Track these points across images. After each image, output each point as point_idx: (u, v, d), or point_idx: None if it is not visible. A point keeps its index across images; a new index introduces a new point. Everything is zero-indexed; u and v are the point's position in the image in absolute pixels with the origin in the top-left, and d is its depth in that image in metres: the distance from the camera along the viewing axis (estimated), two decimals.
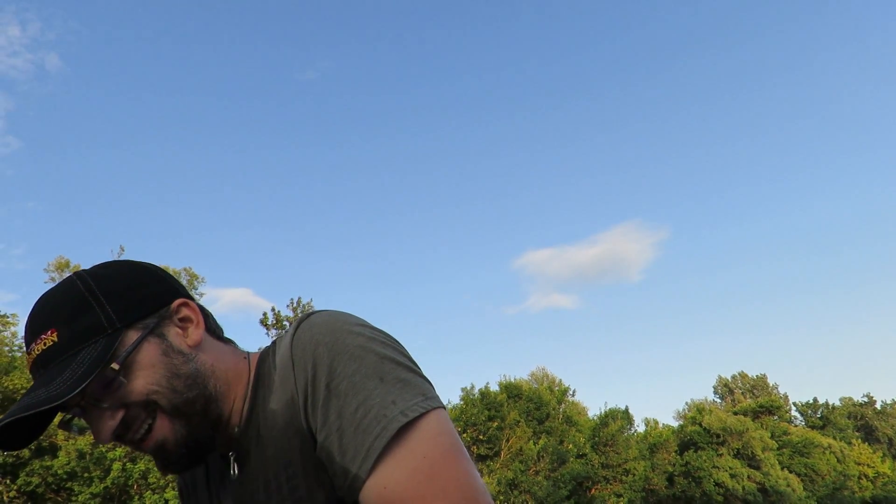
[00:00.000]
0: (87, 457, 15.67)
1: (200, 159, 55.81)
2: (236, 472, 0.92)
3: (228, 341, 1.02)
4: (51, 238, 48.52)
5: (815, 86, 74.59)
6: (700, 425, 35.51)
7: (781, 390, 58.26)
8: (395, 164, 70.89)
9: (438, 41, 73.30)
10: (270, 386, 0.91)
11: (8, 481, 15.29)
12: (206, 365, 0.93)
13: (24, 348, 1.01)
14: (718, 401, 58.58)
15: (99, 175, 51.39)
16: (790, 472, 36.11)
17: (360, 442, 0.80)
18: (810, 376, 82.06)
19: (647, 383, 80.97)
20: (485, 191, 72.31)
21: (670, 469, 32.72)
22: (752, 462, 33.97)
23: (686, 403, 56.74)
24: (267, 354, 0.96)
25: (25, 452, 15.09)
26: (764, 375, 58.98)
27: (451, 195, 71.29)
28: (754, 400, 49.53)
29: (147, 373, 0.86)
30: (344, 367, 0.84)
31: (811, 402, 55.08)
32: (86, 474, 15.56)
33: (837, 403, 55.46)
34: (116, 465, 15.64)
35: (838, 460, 39.75)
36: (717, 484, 31.96)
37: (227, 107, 60.33)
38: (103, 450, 15.75)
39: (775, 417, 44.63)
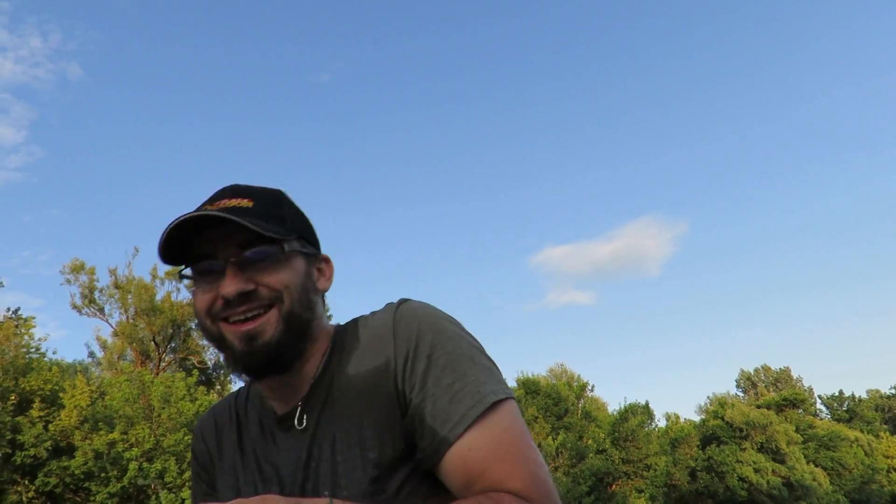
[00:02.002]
0: (104, 457, 15.75)
1: (216, 162, 56.25)
2: (305, 422, 1.01)
3: None
4: (75, 243, 49.49)
5: (833, 77, 73.13)
6: (722, 419, 34.90)
7: (806, 383, 57.20)
8: (411, 163, 70.88)
9: (452, 39, 73.08)
10: (350, 354, 1.03)
11: (27, 482, 15.41)
12: (318, 307, 1.06)
13: (205, 203, 1.05)
14: (741, 394, 57.71)
15: (119, 179, 52.11)
16: (816, 465, 35.35)
17: (453, 410, 0.92)
18: (835, 368, 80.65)
19: (667, 378, 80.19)
20: (501, 188, 71.97)
21: (692, 464, 32.21)
22: (777, 456, 33.31)
23: (708, 397, 55.99)
24: (346, 328, 1.09)
25: (43, 453, 15.21)
26: (787, 368, 57.98)
27: (468, 193, 71.09)
28: (778, 393, 48.66)
29: (291, 274, 1.00)
30: (444, 345, 0.97)
31: (837, 394, 54.05)
32: (103, 474, 15.64)
33: (864, 395, 54.32)
34: (133, 465, 15.69)
35: (866, 454, 38.87)
36: (740, 479, 31.39)
37: (243, 110, 60.80)
38: (119, 450, 15.82)
39: (800, 411, 43.79)
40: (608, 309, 76.51)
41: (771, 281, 77.34)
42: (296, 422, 1.02)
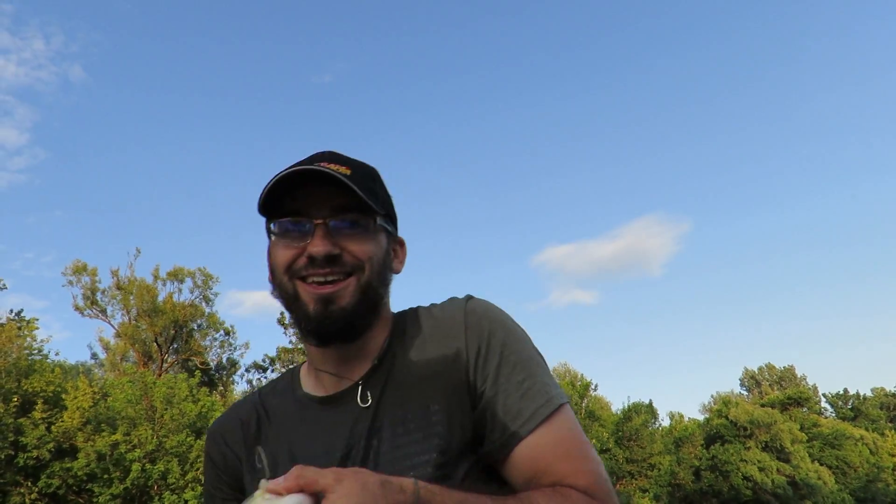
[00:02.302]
0: (107, 458, 15.74)
1: (218, 163, 56.30)
2: (369, 400, 1.01)
3: None
4: (78, 245, 49.61)
5: (835, 74, 72.94)
6: (726, 418, 34.79)
7: (810, 381, 56.99)
8: (412, 163, 70.78)
9: (454, 39, 73.03)
10: (412, 340, 1.06)
11: (29, 483, 15.41)
12: (390, 287, 1.09)
13: (302, 163, 1.04)
14: (745, 393, 57.57)
15: (121, 180, 52.20)
16: (821, 464, 35.23)
17: (524, 406, 0.96)
18: (840, 366, 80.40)
19: (671, 377, 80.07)
20: (503, 188, 71.88)
21: (697, 463, 32.11)
22: (782, 455, 33.19)
23: (712, 396, 55.82)
24: (405, 315, 1.12)
25: (46, 455, 15.20)
26: (791, 367, 57.78)
27: (470, 193, 71.05)
28: (782, 392, 48.51)
29: (375, 247, 1.02)
30: (514, 344, 1.02)
31: (841, 392, 53.85)
32: (105, 475, 15.63)
33: (869, 394, 54.12)
34: (136, 466, 15.68)
35: (871, 452, 38.71)
36: (745, 478, 31.28)
37: (245, 111, 60.84)
38: (122, 451, 15.81)
39: (804, 409, 43.66)
40: (611, 308, 76.39)
41: (774, 279, 77.19)
42: (359, 399, 1.02)
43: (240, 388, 30.08)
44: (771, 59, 74.59)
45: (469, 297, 1.09)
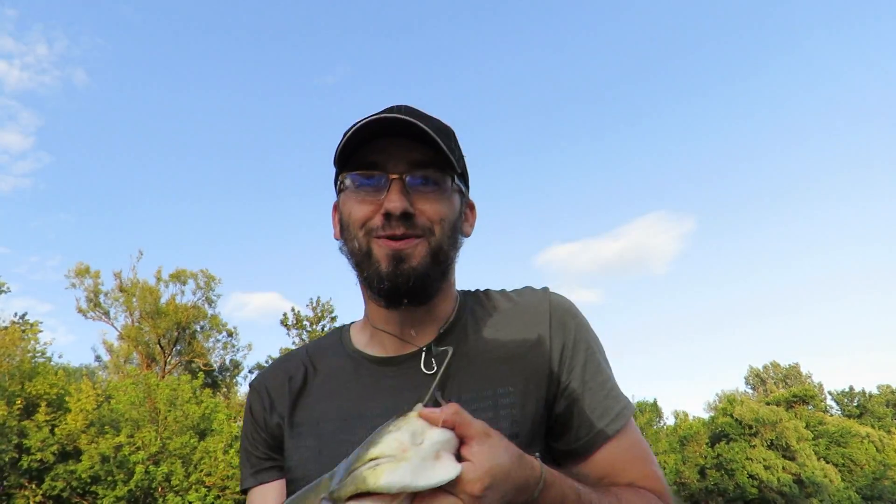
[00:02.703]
0: (111, 460, 15.73)
1: (222, 166, 56.38)
2: (434, 367, 0.98)
3: None
4: (83, 248, 49.73)
5: (840, 72, 72.72)
6: (732, 416, 34.67)
7: (815, 379, 56.71)
8: None
9: (457, 40, 73.02)
10: (486, 318, 1.03)
11: (34, 486, 15.41)
12: (459, 251, 1.04)
13: (376, 113, 0.98)
14: (750, 391, 57.33)
15: (124, 183, 52.32)
16: (827, 462, 35.08)
17: (609, 406, 0.98)
18: (845, 364, 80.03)
19: (675, 376, 79.81)
20: (506, 187, 71.84)
21: (702, 462, 32.00)
22: (787, 453, 33.06)
23: (717, 395, 55.54)
24: (475, 293, 1.11)
25: (50, 457, 15.20)
26: (797, 364, 57.50)
27: (472, 192, 70.67)
28: (787, 389, 48.35)
29: (449, 208, 0.98)
30: (596, 346, 1.03)
31: (847, 390, 53.59)
32: (109, 478, 15.61)
33: (875, 391, 53.82)
34: (139, 469, 15.66)
35: (877, 450, 38.50)
36: (750, 476, 31.17)
37: (248, 113, 60.90)
38: (126, 453, 15.80)
39: (810, 407, 43.49)
40: (615, 307, 76.11)
41: (779, 277, 76.94)
42: (422, 365, 0.99)
43: (243, 389, 30.10)
44: (775, 56, 74.41)
45: (548, 289, 1.08)
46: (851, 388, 53.57)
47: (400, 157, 0.95)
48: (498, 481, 0.72)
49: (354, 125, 0.94)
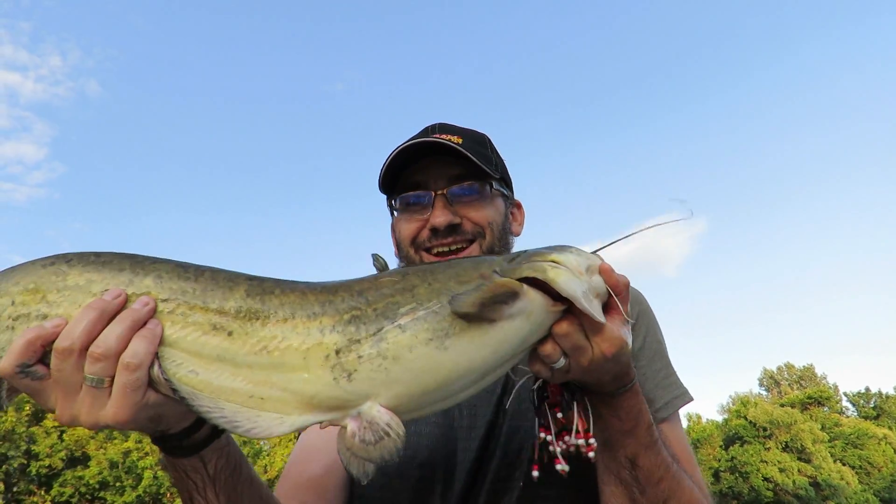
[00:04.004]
0: (119, 466, 15.71)
1: (231, 170, 56.61)
2: None
3: None
4: None
5: (847, 71, 71.95)
6: (745, 419, 34.27)
7: (830, 380, 55.93)
8: None
9: (463, 47, 73.01)
10: None
11: (42, 492, 15.41)
12: (511, 251, 1.05)
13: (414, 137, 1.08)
14: (764, 393, 56.65)
15: (137, 191, 52.69)
16: (844, 464, 34.56)
17: (661, 395, 1.07)
18: (861, 365, 79.08)
19: (688, 378, 78.01)
20: (515, 191, 71.70)
21: (715, 465, 31.63)
22: (803, 455, 32.60)
23: (730, 397, 55.02)
24: None
25: (58, 463, 15.20)
26: (811, 366, 56.79)
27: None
28: (802, 391, 47.71)
29: (494, 212, 1.05)
30: (656, 333, 1.11)
31: (863, 391, 52.81)
32: (118, 483, 15.59)
33: (891, 392, 52.98)
34: (148, 474, 15.63)
35: (895, 451, 37.91)
36: (765, 479, 30.76)
37: (259, 120, 61.26)
38: (134, 458, 15.77)
39: (825, 409, 42.92)
40: None
41: (792, 277, 76.14)
42: None
43: None
44: (784, 58, 73.78)
45: None
46: (868, 390, 52.77)
47: (440, 174, 1.06)
48: (619, 355, 0.82)
49: (393, 152, 1.03)
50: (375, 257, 0.97)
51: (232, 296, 0.82)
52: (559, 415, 0.94)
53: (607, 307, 0.83)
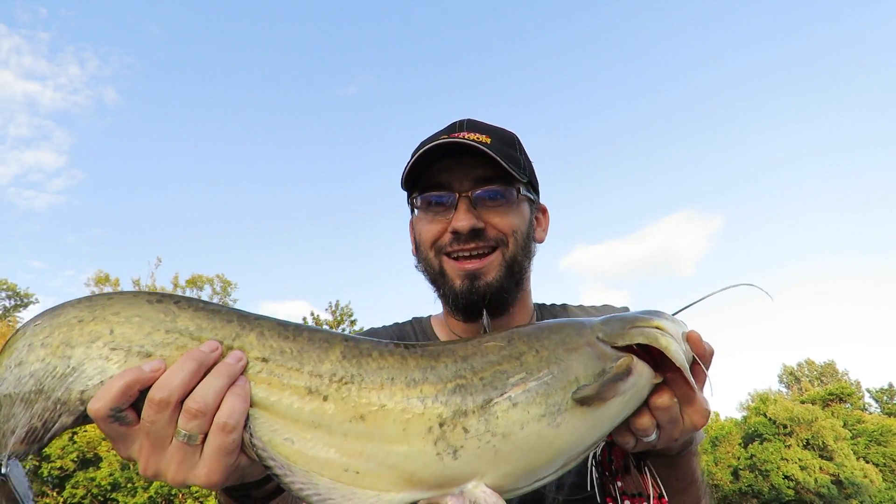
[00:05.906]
0: (131, 467, 15.73)
1: (245, 175, 57.10)
2: None
3: None
4: (117, 261, 51.00)
5: (858, 70, 70.80)
6: (765, 416, 33.68)
7: (852, 376, 54.93)
8: None
9: (476, 50, 72.98)
10: None
11: (55, 493, 15.49)
12: (533, 259, 1.04)
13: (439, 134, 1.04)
14: (784, 390, 55.80)
15: (153, 196, 53.43)
16: (867, 462, 33.81)
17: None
18: (884, 360, 77.56)
19: None
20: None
21: (734, 463, 31.12)
22: (824, 453, 31.95)
23: (749, 394, 54.20)
24: (552, 304, 1.14)
25: (70, 465, 15.26)
26: (832, 361, 55.80)
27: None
28: (823, 387, 46.88)
29: (519, 218, 1.01)
30: None
31: (886, 387, 51.79)
32: (129, 485, 15.62)
33: None
34: None
35: None
36: (786, 477, 30.19)
37: (274, 123, 61.81)
38: None
39: (847, 405, 42.08)
40: (643, 309, 75.14)
41: (811, 273, 75.00)
42: None
43: None
44: (800, 56, 72.78)
45: (628, 308, 1.08)
46: (891, 385, 51.71)
47: (465, 174, 1.00)
48: (704, 423, 0.82)
49: (419, 148, 0.98)
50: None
51: (328, 357, 0.77)
52: (619, 483, 0.92)
53: (694, 376, 0.81)
